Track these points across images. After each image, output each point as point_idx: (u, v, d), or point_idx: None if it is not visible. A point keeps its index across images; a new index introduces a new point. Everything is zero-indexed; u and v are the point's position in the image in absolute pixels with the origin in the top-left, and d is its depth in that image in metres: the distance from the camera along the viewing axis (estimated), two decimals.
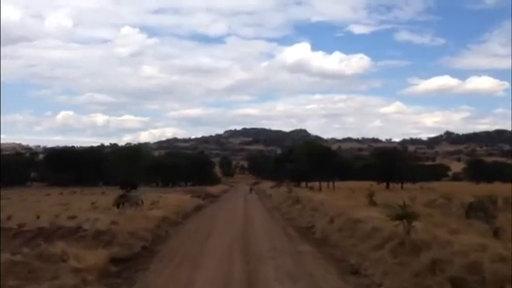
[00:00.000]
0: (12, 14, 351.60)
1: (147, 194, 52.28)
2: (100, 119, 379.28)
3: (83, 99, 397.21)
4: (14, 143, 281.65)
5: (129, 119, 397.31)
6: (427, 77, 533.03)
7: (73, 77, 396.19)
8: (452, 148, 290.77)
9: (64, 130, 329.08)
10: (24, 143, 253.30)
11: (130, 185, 58.74)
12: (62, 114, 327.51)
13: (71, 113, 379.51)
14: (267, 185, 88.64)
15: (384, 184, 65.44)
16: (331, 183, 69.53)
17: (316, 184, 72.06)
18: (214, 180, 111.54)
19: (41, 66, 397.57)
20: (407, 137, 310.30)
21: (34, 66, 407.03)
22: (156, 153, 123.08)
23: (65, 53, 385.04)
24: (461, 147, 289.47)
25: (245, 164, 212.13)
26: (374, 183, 77.97)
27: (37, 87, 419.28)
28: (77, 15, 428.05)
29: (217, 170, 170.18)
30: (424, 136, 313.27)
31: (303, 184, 76.59)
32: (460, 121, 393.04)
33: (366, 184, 78.32)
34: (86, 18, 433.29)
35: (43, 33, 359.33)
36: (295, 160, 63.28)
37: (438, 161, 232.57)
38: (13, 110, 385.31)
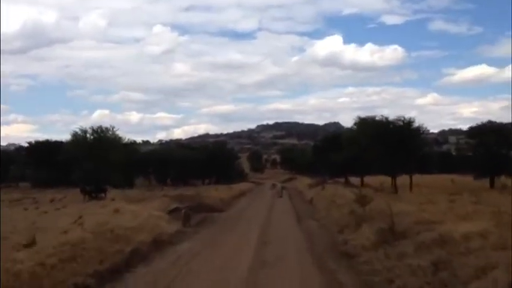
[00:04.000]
0: (48, 16, 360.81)
1: (104, 204, 32.84)
2: (134, 117, 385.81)
3: (117, 98, 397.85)
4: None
5: (162, 117, 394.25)
6: (464, 66, 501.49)
7: (107, 77, 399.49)
8: None
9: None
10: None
11: (96, 187, 39.89)
12: (98, 113, 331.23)
13: (106, 111, 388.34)
14: (303, 182, 67.98)
15: (480, 179, 43.01)
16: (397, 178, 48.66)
17: (373, 180, 51.09)
18: (239, 177, 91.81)
19: (76, 66, 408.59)
20: (446, 128, 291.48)
21: (70, 66, 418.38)
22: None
23: (99, 53, 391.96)
24: None
25: (277, 158, 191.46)
26: (456, 176, 56.63)
27: (73, 87, 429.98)
28: (110, 16, 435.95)
29: (246, 165, 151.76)
30: (464, 127, 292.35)
31: (354, 180, 55.71)
32: (499, 110, 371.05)
33: (442, 179, 56.93)
34: (118, 18, 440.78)
35: (78, 34, 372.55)
36: (346, 147, 42.88)
37: None
38: (52, 110, 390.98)
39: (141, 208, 25.26)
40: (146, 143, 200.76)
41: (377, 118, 32.18)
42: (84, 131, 37.08)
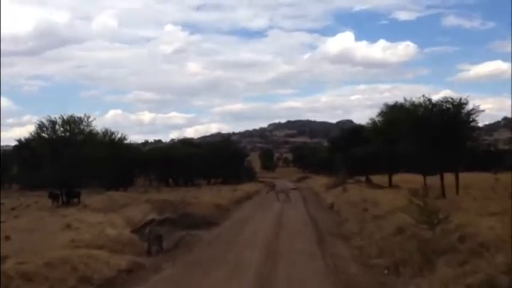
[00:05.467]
0: (60, 17, 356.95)
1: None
2: (147, 116, 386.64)
3: (130, 98, 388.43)
4: None
5: (175, 116, 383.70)
6: (478, 62, 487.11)
7: (120, 77, 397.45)
8: None
9: (113, 128, 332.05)
10: None
11: (67, 191, 32.73)
12: (111, 113, 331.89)
13: (119, 111, 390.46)
14: (318, 181, 60.92)
15: None
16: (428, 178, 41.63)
17: (400, 179, 43.88)
18: (248, 176, 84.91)
19: (89, 67, 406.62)
20: None
21: (83, 67, 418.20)
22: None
23: (111, 53, 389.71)
24: None
25: (289, 156, 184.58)
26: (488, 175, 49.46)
27: (86, 87, 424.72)
28: (122, 16, 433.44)
29: (257, 163, 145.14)
30: (479, 123, 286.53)
31: (375, 179, 48.51)
32: None
33: (480, 177, 49.32)
34: (130, 18, 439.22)
35: (90, 34, 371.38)
36: (372, 139, 35.91)
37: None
38: (65, 111, 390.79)
39: (106, 220, 18.82)
40: (158, 142, 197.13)
41: (415, 101, 25.17)
42: (53, 122, 30.42)
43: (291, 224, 18.77)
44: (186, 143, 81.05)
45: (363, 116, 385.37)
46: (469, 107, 24.76)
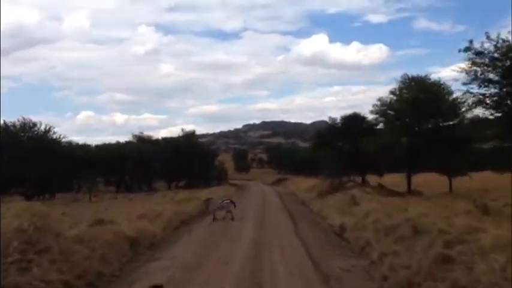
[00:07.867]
0: (31, 17, 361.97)
1: None
2: (120, 118, 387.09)
3: (102, 99, 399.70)
4: None
5: (148, 117, 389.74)
6: (448, 64, 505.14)
7: (92, 78, 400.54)
8: None
9: (85, 130, 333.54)
10: None
11: None
12: (83, 115, 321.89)
13: (91, 113, 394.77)
14: (300, 184, 49.66)
15: None
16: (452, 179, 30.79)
17: (419, 182, 33.07)
18: (218, 178, 73.32)
19: (61, 67, 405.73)
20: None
21: (54, 68, 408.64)
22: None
23: (83, 54, 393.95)
24: None
25: (264, 156, 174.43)
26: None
27: (58, 88, 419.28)
28: (94, 16, 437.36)
29: (230, 164, 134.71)
30: None
31: (373, 179, 37.61)
32: None
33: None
34: (102, 19, 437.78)
35: (62, 34, 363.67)
36: (390, 124, 25.20)
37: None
38: (35, 112, 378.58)
39: None
40: (130, 143, 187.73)
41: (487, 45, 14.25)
42: None
43: None
44: (143, 140, 68.62)
45: (337, 117, 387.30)
46: None
